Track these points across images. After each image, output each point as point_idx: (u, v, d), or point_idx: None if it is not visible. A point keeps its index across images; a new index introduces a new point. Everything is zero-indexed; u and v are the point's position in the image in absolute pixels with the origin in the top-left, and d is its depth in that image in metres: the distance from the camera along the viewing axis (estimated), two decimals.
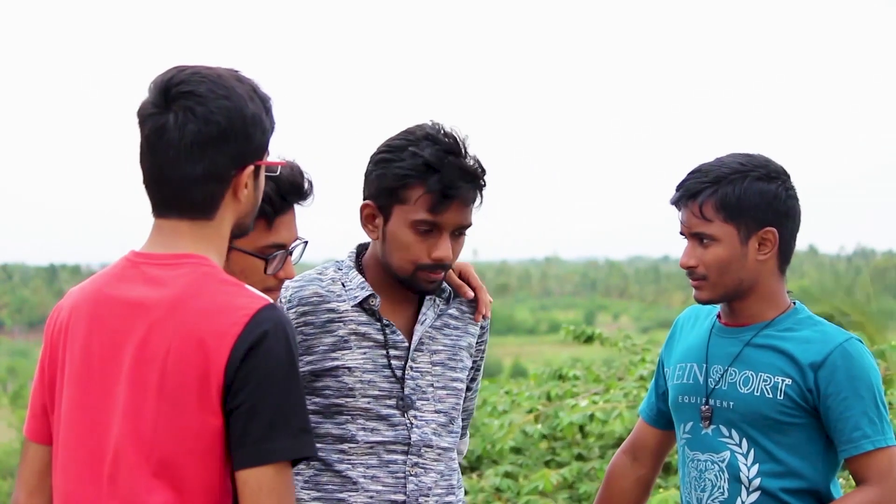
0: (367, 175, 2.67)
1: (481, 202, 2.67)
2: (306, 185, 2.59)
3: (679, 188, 2.77)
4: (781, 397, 2.70)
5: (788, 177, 2.78)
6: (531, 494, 5.41)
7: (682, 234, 2.80)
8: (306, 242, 2.62)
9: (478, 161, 2.64)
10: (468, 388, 2.87)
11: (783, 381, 2.70)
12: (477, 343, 2.85)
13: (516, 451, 5.96)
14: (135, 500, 2.08)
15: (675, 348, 2.94)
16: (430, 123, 2.66)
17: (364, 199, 2.68)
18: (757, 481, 2.71)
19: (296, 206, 2.60)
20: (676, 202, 2.79)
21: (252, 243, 2.51)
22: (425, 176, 2.59)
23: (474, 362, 2.86)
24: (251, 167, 2.17)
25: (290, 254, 2.59)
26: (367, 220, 2.68)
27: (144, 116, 2.14)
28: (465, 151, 2.62)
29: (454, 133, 2.64)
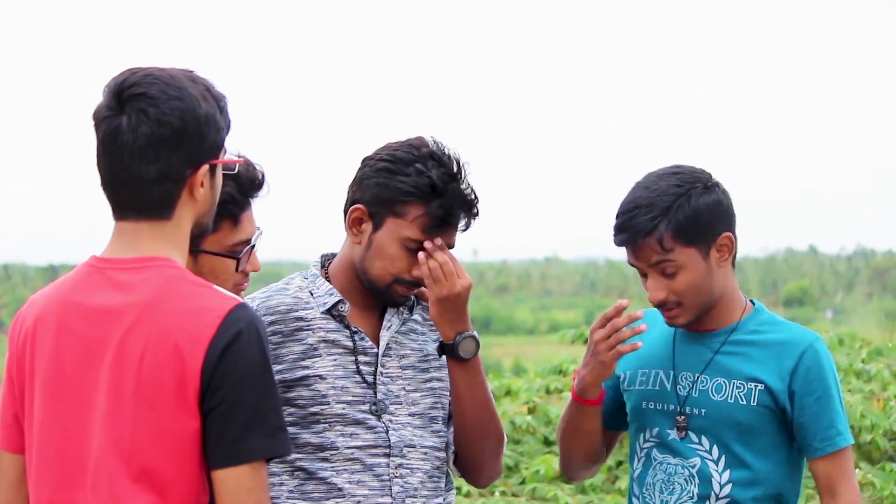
0: (364, 179, 2.66)
1: (468, 228, 2.69)
2: (260, 177, 2.62)
3: (625, 229, 2.71)
4: (755, 403, 2.72)
5: (712, 176, 2.78)
6: (533, 481, 5.46)
7: (636, 268, 2.76)
8: (261, 231, 2.64)
9: (473, 190, 2.66)
10: None
11: (756, 386, 2.73)
12: None
13: (515, 441, 6.01)
14: None
15: (631, 353, 2.84)
16: (431, 141, 2.66)
17: (354, 202, 2.67)
18: (728, 489, 2.73)
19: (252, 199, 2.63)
20: (628, 242, 2.72)
21: (220, 243, 2.55)
22: (429, 198, 2.60)
23: None
24: (206, 166, 2.18)
25: (254, 247, 2.62)
26: (354, 223, 2.67)
27: (99, 119, 2.16)
28: (465, 179, 2.65)
29: (458, 157, 2.65)
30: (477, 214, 2.69)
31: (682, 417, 2.76)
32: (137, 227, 2.18)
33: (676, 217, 2.69)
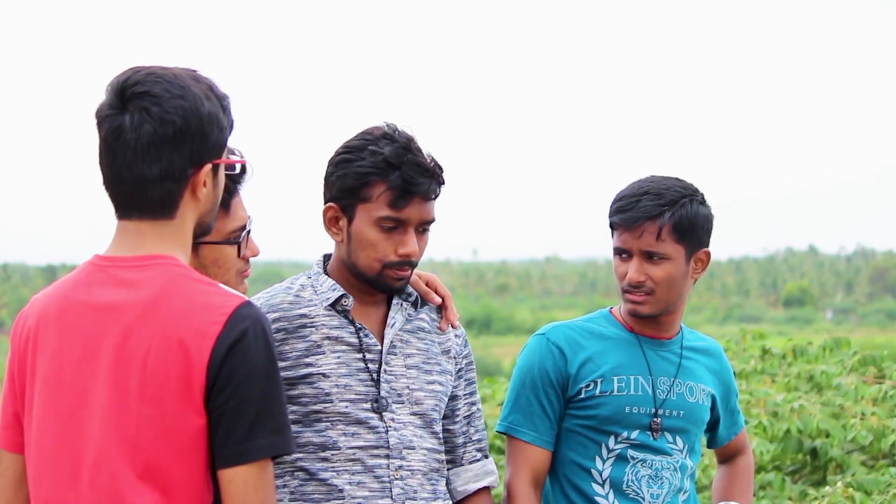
0: (328, 178, 2.71)
1: (438, 195, 2.71)
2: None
3: (630, 209, 2.92)
4: (710, 402, 3.08)
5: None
6: None
7: (622, 251, 2.95)
8: (250, 218, 2.64)
9: (434, 158, 2.70)
10: (460, 406, 2.84)
11: (710, 389, 3.07)
12: (459, 363, 2.84)
13: (501, 451, 5.95)
14: (120, 503, 2.08)
15: (596, 362, 2.97)
16: (384, 124, 2.71)
17: (325, 203, 2.72)
18: (689, 479, 3.05)
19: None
20: (631, 221, 2.91)
21: (217, 233, 2.53)
22: (386, 173, 2.64)
23: (461, 376, 2.84)
24: (209, 166, 2.18)
25: (249, 231, 2.63)
26: (330, 222, 2.72)
27: (101, 118, 2.16)
28: (420, 149, 2.68)
29: (408, 132, 2.70)
30: (443, 182, 2.71)
31: (657, 420, 2.98)
32: (140, 227, 2.17)
33: (679, 212, 2.91)
